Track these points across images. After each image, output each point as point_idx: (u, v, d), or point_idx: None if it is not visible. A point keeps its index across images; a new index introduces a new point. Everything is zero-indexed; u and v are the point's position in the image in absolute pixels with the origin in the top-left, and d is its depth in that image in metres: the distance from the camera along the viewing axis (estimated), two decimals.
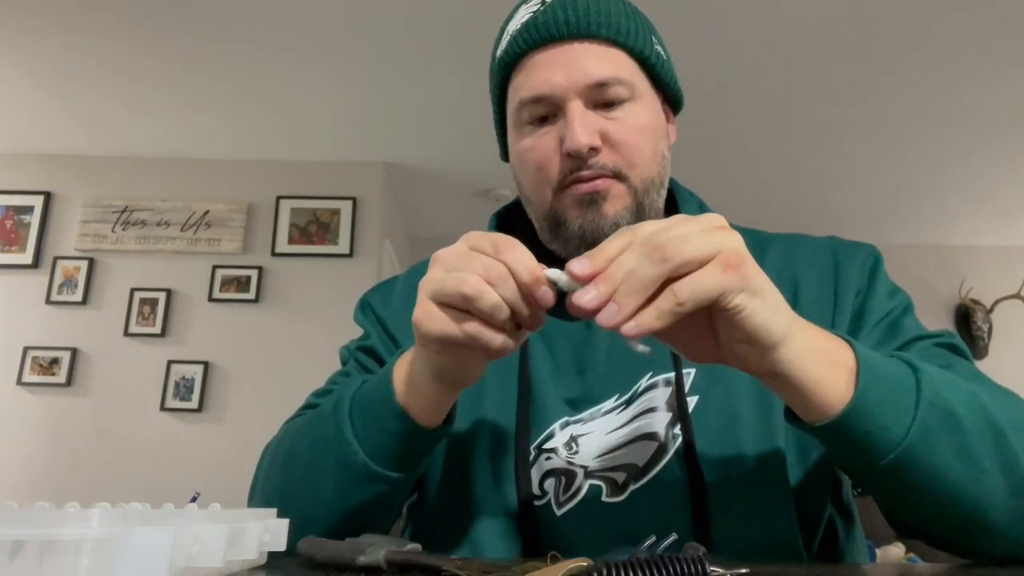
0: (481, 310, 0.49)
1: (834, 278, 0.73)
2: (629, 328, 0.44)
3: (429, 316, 0.51)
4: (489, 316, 0.49)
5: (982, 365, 4.27)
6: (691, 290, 0.45)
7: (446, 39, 2.59)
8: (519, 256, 0.49)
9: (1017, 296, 4.15)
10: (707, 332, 0.51)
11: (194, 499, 2.79)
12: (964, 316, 4.19)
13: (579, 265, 0.46)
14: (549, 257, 0.76)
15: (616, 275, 0.45)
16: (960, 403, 0.54)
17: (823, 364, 0.52)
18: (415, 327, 0.52)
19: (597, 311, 0.44)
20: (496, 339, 0.50)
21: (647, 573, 0.35)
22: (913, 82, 2.79)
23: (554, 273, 0.49)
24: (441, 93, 2.94)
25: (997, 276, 4.23)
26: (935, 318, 4.18)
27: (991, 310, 4.19)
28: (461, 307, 0.49)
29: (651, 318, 0.44)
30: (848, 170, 3.52)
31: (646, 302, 0.45)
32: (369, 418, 0.60)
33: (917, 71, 2.72)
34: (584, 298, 0.45)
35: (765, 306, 0.48)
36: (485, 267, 0.49)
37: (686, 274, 0.45)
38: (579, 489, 0.67)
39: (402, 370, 0.59)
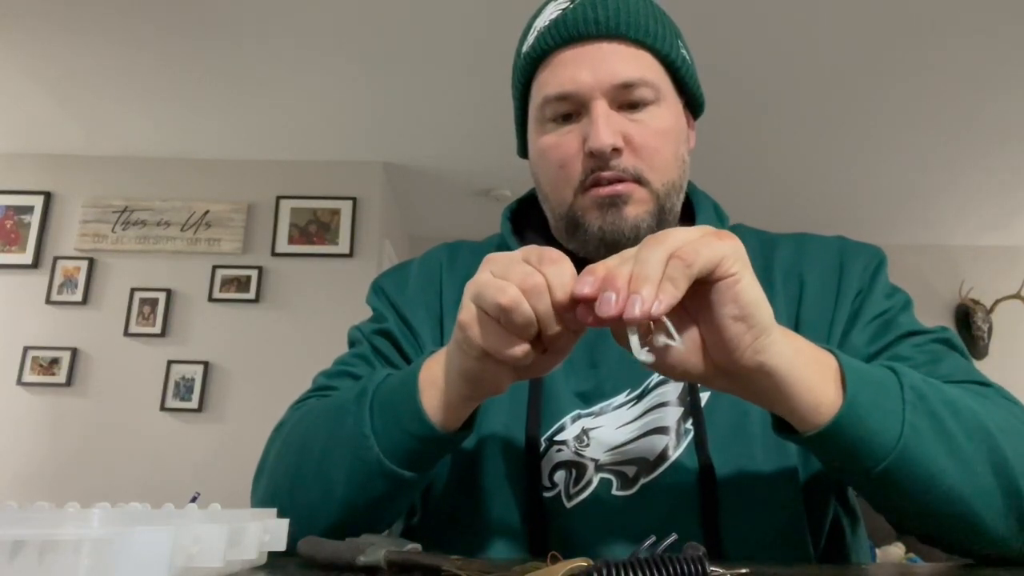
0: (513, 323, 0.48)
1: (838, 277, 0.73)
2: (657, 307, 0.44)
3: (476, 322, 0.50)
4: (519, 331, 0.48)
5: (982, 365, 4.28)
6: (695, 252, 0.45)
7: (446, 39, 2.59)
8: (559, 272, 0.48)
9: (1017, 296, 4.15)
10: (697, 346, 0.50)
11: (194, 499, 2.79)
12: (964, 316, 4.20)
13: (587, 286, 0.46)
14: (565, 254, 0.76)
15: (623, 272, 0.46)
16: (944, 404, 0.54)
17: (811, 361, 0.52)
18: (461, 328, 0.52)
19: (622, 311, 0.44)
20: (519, 350, 0.49)
21: (647, 573, 0.35)
22: (914, 84, 2.79)
23: None
24: (441, 93, 2.93)
25: (997, 276, 4.23)
26: (935, 318, 4.18)
27: (991, 310, 4.19)
28: (495, 316, 0.49)
29: (669, 290, 0.45)
30: (849, 171, 3.53)
31: None
32: (389, 415, 0.60)
33: (918, 73, 2.72)
34: (608, 305, 0.44)
35: (756, 283, 0.48)
36: (524, 275, 0.48)
37: None
38: (589, 482, 0.67)
39: (431, 372, 0.58)
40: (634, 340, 0.46)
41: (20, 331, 3.24)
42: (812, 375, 0.51)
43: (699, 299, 0.48)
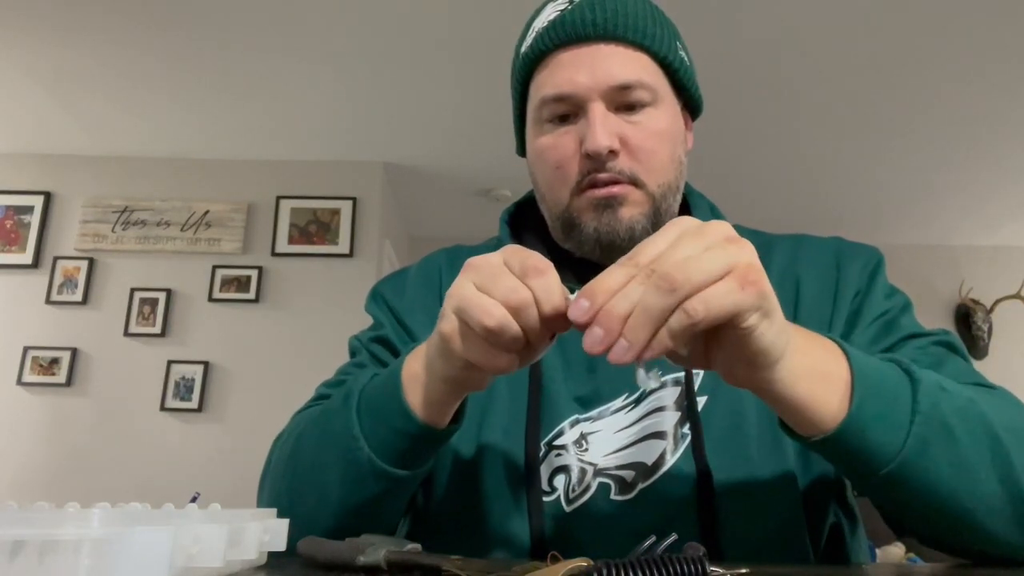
0: (500, 342, 0.47)
1: (835, 278, 0.73)
2: (647, 356, 0.43)
3: (459, 335, 0.50)
4: (506, 347, 0.48)
5: (982, 365, 4.26)
6: (706, 308, 0.42)
7: (446, 39, 2.59)
8: (546, 285, 0.46)
9: (1017, 296, 4.15)
10: (698, 340, 0.48)
11: (194, 499, 2.79)
12: (964, 316, 4.19)
13: (581, 312, 0.43)
14: (561, 255, 0.76)
15: (619, 309, 0.42)
16: (956, 412, 0.54)
17: (815, 381, 0.51)
18: (444, 340, 0.51)
19: (607, 350, 0.43)
20: (504, 362, 0.49)
21: (647, 573, 0.35)
22: (915, 83, 2.79)
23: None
24: (441, 93, 2.93)
25: (997, 276, 4.23)
26: (935, 318, 4.18)
27: (991, 310, 4.19)
28: (481, 335, 0.48)
29: (663, 341, 0.42)
30: (848, 170, 3.53)
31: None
32: (376, 415, 0.60)
33: (919, 72, 2.72)
34: (594, 343, 0.43)
35: (773, 327, 0.46)
36: (509, 291, 0.47)
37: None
38: (588, 487, 0.67)
39: (412, 369, 0.58)
40: (640, 372, 0.45)
41: (20, 331, 3.24)
42: (816, 391, 0.51)
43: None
